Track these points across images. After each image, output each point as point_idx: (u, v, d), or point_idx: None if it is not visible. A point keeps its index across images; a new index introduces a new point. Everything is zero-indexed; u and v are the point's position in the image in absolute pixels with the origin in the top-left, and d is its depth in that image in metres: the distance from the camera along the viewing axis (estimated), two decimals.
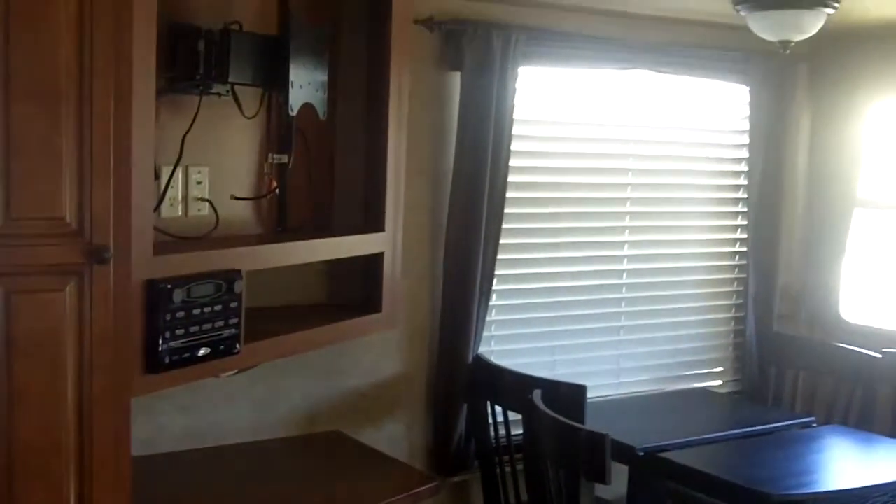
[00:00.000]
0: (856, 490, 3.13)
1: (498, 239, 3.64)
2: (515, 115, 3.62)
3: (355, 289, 3.08)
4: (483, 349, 3.70)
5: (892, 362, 3.86)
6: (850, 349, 4.00)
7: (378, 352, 3.51)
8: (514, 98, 3.59)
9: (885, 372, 3.86)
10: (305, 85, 2.72)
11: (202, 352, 2.40)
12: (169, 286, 2.27)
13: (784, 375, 4.26)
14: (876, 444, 3.60)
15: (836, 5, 3.39)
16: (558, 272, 3.97)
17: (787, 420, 3.82)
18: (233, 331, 2.48)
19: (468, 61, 3.49)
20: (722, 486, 3.13)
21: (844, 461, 3.58)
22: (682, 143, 4.24)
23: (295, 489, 2.83)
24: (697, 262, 4.33)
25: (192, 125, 2.57)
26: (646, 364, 4.21)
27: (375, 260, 3.02)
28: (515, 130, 3.64)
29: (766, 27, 3.51)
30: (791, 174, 4.44)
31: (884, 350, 3.90)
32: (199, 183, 2.67)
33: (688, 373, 4.33)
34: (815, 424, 3.80)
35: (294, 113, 2.71)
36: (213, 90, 2.58)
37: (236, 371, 2.73)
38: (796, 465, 3.34)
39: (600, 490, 3.72)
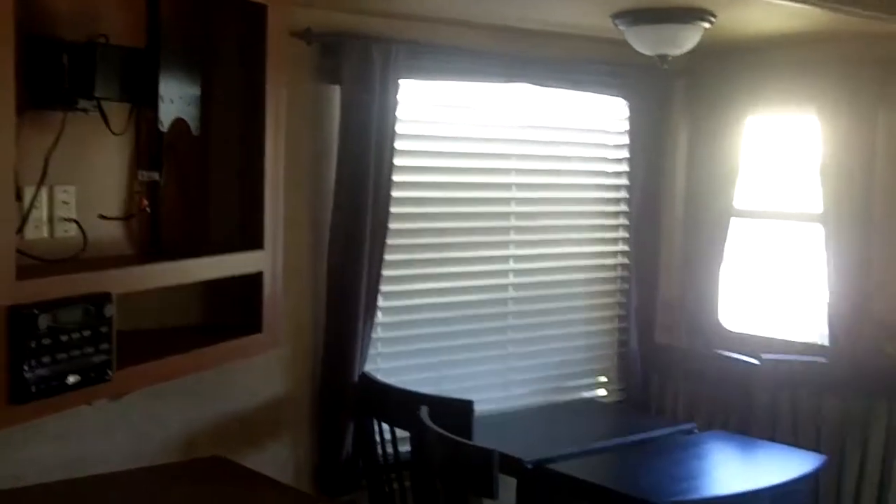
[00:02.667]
0: (738, 494, 3.20)
1: (382, 255, 3.60)
2: (398, 129, 3.59)
3: (234, 309, 2.99)
4: (369, 367, 3.65)
5: (770, 368, 3.96)
6: (729, 356, 4.08)
7: (260, 372, 3.43)
8: (395, 111, 3.56)
9: (764, 377, 3.96)
10: (177, 99, 2.63)
11: (71, 380, 2.28)
12: (34, 312, 2.17)
13: (666, 384, 4.33)
14: (755, 449, 3.69)
15: (713, 20, 3.47)
16: (444, 287, 3.96)
17: (670, 427, 3.88)
18: (104, 357, 2.37)
19: (347, 75, 3.45)
20: (609, 495, 3.17)
21: (725, 466, 3.67)
22: (564, 157, 4.27)
23: None
24: (581, 275, 4.36)
25: (56, 143, 2.44)
26: (532, 376, 4.23)
27: (254, 279, 2.93)
28: (398, 144, 3.61)
29: (644, 42, 3.57)
30: (670, 186, 4.52)
31: (762, 356, 4.00)
32: (65, 203, 2.54)
33: (573, 383, 4.36)
34: (696, 431, 3.87)
35: (165, 129, 2.61)
36: (79, 106, 2.46)
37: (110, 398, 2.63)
38: (679, 471, 3.39)
39: None
